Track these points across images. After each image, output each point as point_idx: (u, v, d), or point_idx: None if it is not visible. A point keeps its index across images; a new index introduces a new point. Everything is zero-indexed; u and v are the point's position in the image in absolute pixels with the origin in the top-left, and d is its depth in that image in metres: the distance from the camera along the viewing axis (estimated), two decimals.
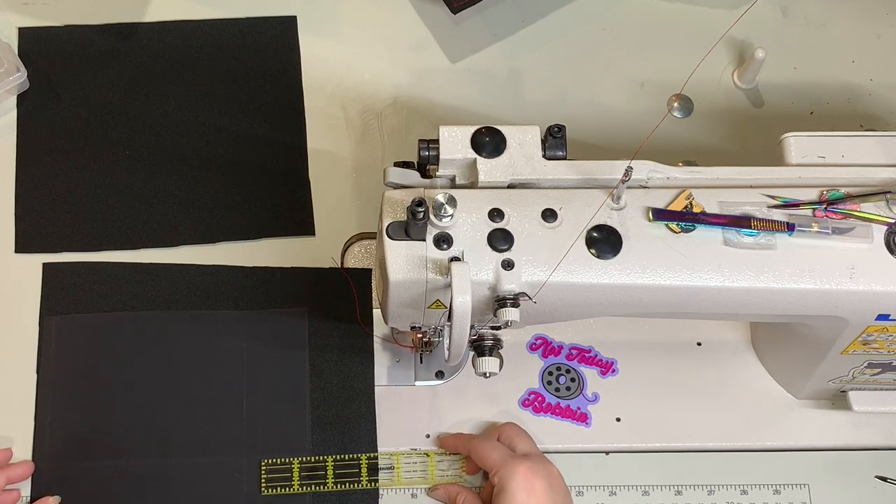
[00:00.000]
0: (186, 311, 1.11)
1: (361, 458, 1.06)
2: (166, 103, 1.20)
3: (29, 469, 1.04)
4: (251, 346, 1.10)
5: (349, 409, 1.08)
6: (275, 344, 1.10)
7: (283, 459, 1.06)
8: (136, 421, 1.06)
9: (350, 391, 1.09)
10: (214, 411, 1.07)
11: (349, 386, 1.09)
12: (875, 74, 1.25)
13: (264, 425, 1.07)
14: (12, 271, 1.12)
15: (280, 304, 1.11)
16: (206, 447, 1.06)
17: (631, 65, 1.25)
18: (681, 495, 1.07)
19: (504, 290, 0.89)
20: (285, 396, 1.08)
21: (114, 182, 1.16)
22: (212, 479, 1.05)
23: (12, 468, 1.03)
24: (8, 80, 1.16)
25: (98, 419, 1.06)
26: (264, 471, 1.05)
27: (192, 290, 1.12)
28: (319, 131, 1.20)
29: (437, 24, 1.26)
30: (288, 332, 1.10)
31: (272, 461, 1.05)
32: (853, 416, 1.09)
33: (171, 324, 1.10)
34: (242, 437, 1.06)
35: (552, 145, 0.95)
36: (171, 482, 1.05)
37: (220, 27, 1.24)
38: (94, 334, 1.09)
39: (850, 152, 0.98)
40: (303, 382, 1.09)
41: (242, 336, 1.10)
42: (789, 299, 0.93)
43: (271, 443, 1.06)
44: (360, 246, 1.15)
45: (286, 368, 1.09)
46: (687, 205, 0.93)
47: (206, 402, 1.07)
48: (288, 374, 1.09)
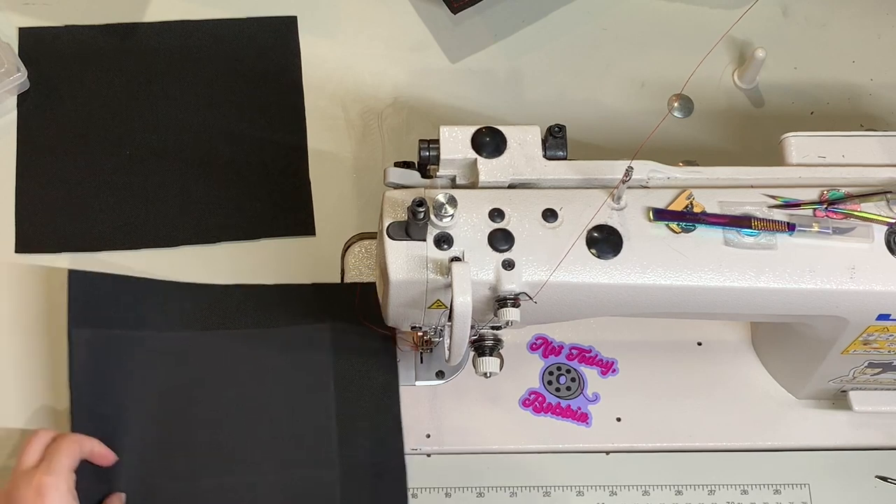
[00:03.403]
0: (216, 330, 1.09)
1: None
2: (166, 103, 1.20)
3: (111, 458, 1.01)
4: (276, 365, 1.08)
5: (376, 419, 1.07)
6: (299, 364, 1.08)
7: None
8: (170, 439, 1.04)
9: (376, 403, 1.07)
10: (254, 428, 1.05)
11: (376, 397, 1.07)
12: (875, 74, 1.25)
13: (293, 439, 1.05)
14: (12, 271, 1.12)
15: (302, 320, 1.10)
16: (244, 463, 1.04)
17: (631, 65, 1.25)
18: (681, 495, 1.07)
19: (504, 290, 0.89)
20: (311, 408, 1.06)
21: (114, 182, 1.16)
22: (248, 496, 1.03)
23: (101, 446, 1.00)
24: (8, 80, 1.16)
25: (132, 437, 1.03)
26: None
27: (214, 308, 1.10)
28: (320, 131, 1.20)
29: (437, 24, 1.26)
30: (312, 345, 1.09)
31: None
32: (853, 416, 1.09)
33: (198, 344, 1.08)
34: (273, 451, 1.05)
35: (552, 145, 0.95)
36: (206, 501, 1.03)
37: (220, 27, 1.24)
38: (122, 350, 1.06)
39: (851, 152, 0.98)
40: (328, 390, 1.07)
41: (275, 352, 1.08)
42: (790, 299, 0.93)
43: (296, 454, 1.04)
44: (360, 246, 1.15)
45: (312, 381, 1.07)
46: (687, 205, 0.93)
47: (238, 418, 1.05)
48: (314, 386, 1.07)
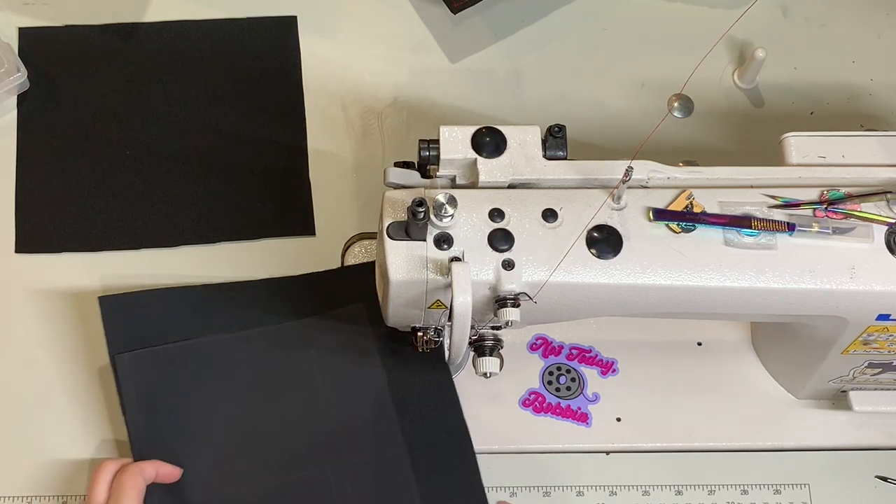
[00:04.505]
0: (252, 329, 1.08)
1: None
2: (166, 103, 1.20)
3: (177, 473, 1.00)
4: (321, 353, 1.07)
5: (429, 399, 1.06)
6: (343, 346, 1.07)
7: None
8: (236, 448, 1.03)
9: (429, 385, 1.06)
10: (309, 424, 1.04)
11: (427, 370, 1.06)
12: (875, 74, 1.25)
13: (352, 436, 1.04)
14: (12, 271, 1.12)
15: (335, 305, 1.09)
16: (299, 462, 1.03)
17: (631, 65, 1.25)
18: (681, 495, 1.07)
19: (504, 290, 0.89)
20: (365, 397, 1.05)
21: (114, 182, 1.16)
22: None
23: (164, 465, 1.00)
24: (8, 80, 1.16)
25: (198, 449, 1.03)
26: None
27: (249, 305, 1.09)
28: (320, 131, 1.20)
29: (437, 24, 1.26)
30: (351, 331, 1.08)
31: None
32: (853, 416, 1.09)
33: (241, 345, 1.07)
34: (337, 440, 1.04)
35: (552, 145, 0.95)
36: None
37: (220, 27, 1.24)
38: (168, 366, 1.05)
39: (851, 152, 0.98)
40: (378, 367, 1.06)
41: (311, 345, 1.07)
42: (790, 299, 0.93)
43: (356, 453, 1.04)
44: (360, 246, 1.15)
45: (359, 367, 1.06)
46: (687, 205, 0.93)
47: (297, 411, 1.04)
48: (362, 374, 1.06)
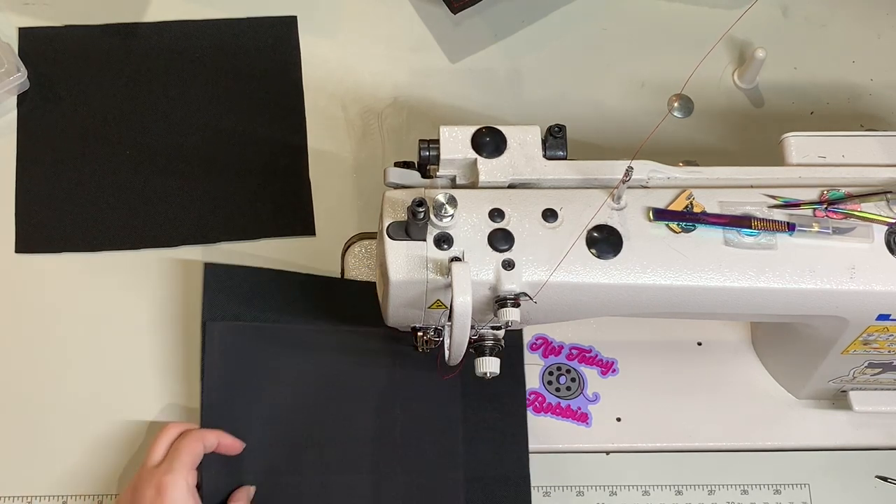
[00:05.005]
0: (343, 326, 1.09)
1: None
2: (166, 103, 1.20)
3: (239, 447, 1.01)
4: (402, 370, 1.07)
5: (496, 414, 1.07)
6: (426, 369, 1.07)
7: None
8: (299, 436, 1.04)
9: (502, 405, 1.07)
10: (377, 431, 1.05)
11: (501, 398, 1.07)
12: (875, 74, 1.25)
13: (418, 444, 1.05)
14: (12, 271, 1.12)
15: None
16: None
17: (631, 65, 1.25)
18: (681, 495, 1.07)
19: (504, 290, 0.89)
20: (435, 423, 1.06)
21: (114, 182, 1.16)
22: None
23: (227, 437, 1.00)
24: (8, 80, 1.16)
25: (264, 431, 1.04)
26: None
27: (340, 301, 1.10)
28: (320, 131, 1.20)
29: (437, 24, 1.26)
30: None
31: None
32: (853, 416, 1.09)
33: (327, 339, 1.08)
34: (401, 451, 1.05)
35: (552, 145, 0.95)
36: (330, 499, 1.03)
37: (220, 27, 1.24)
38: (254, 343, 1.06)
39: (851, 152, 0.98)
40: (454, 409, 1.07)
41: (392, 357, 1.08)
42: (790, 299, 0.93)
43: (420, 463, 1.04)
44: (360, 246, 1.15)
45: (437, 392, 1.07)
46: (687, 205, 0.93)
47: (367, 415, 1.05)
48: (438, 399, 1.07)
